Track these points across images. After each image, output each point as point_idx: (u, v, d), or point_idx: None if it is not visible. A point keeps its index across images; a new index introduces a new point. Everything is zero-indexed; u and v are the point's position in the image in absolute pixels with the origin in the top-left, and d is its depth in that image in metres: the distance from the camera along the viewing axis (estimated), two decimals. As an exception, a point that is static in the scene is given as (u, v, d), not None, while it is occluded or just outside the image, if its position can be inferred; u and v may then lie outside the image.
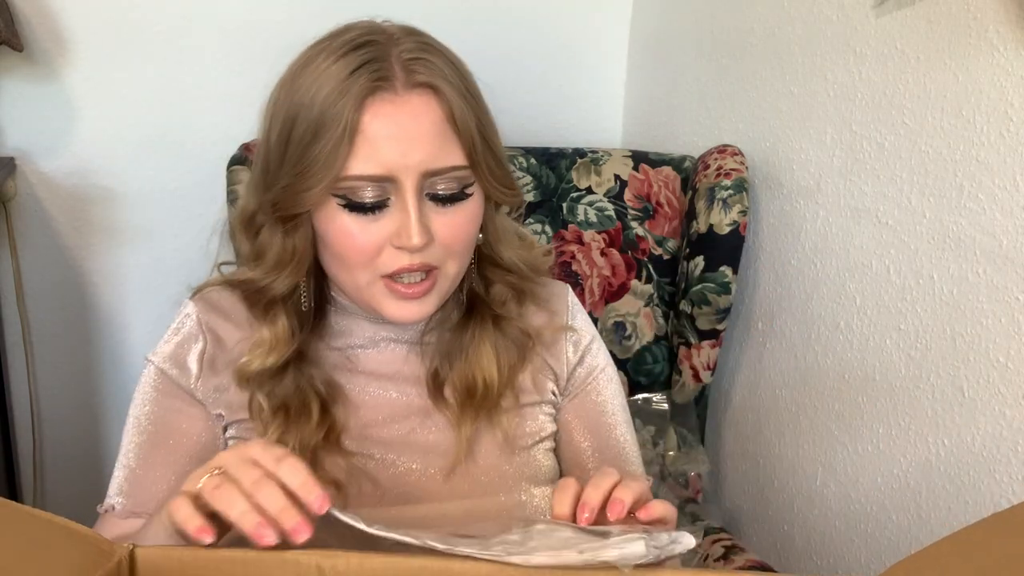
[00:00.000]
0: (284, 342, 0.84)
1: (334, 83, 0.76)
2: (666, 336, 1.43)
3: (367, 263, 0.79)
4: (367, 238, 0.78)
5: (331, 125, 0.75)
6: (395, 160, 0.76)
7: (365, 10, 1.01)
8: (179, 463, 0.84)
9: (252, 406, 0.84)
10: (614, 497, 0.68)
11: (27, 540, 0.50)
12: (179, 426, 0.86)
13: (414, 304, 0.81)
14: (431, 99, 0.78)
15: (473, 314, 0.90)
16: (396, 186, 0.77)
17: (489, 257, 0.89)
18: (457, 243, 0.81)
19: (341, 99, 0.75)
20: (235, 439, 0.86)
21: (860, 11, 1.12)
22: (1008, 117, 0.93)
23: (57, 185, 1.50)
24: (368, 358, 0.89)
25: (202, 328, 0.87)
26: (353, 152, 0.76)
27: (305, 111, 0.77)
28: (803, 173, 1.25)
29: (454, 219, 0.80)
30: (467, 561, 0.56)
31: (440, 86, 0.78)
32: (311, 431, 0.82)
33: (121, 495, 0.84)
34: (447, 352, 0.89)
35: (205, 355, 0.86)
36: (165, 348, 0.88)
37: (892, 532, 1.11)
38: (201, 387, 0.86)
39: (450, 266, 0.82)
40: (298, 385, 0.84)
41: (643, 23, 1.65)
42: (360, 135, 0.76)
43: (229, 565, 0.54)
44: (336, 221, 0.78)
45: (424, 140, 0.77)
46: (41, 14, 1.42)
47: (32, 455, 1.61)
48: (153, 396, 0.87)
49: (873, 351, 1.14)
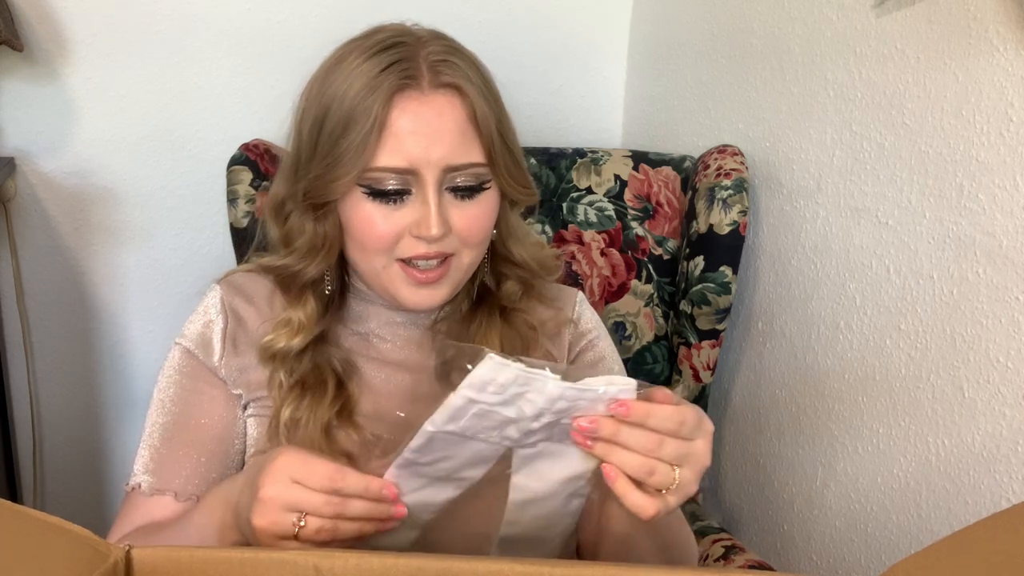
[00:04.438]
0: (311, 324, 0.89)
1: (365, 80, 0.81)
2: (666, 336, 1.42)
3: (386, 249, 0.84)
4: (388, 226, 0.83)
5: (361, 119, 0.80)
6: (418, 154, 0.81)
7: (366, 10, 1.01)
8: (202, 443, 0.88)
9: (271, 382, 0.88)
10: None
11: (23, 540, 0.50)
12: (202, 407, 0.89)
13: (427, 290, 0.86)
14: (455, 99, 0.83)
15: (482, 305, 0.94)
16: (418, 178, 0.82)
17: (502, 254, 0.94)
18: (472, 235, 0.85)
19: (371, 95, 0.80)
20: (254, 417, 0.90)
21: (860, 11, 1.12)
22: (1008, 117, 0.93)
23: (57, 185, 1.50)
24: (383, 344, 0.93)
25: (225, 308, 0.92)
26: (380, 145, 0.81)
27: (336, 105, 0.82)
28: (803, 173, 1.25)
29: (471, 212, 0.85)
30: (466, 561, 0.56)
31: (464, 87, 0.83)
32: (326, 406, 0.86)
33: (147, 473, 0.87)
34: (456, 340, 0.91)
35: (227, 333, 0.91)
36: (191, 329, 0.92)
37: (892, 532, 1.11)
38: (224, 365, 0.90)
39: (465, 256, 0.86)
40: (316, 363, 0.88)
41: (643, 23, 1.65)
42: (387, 129, 0.81)
43: (226, 566, 0.54)
44: (360, 209, 0.83)
45: (446, 137, 0.82)
46: (41, 14, 1.42)
47: (32, 455, 1.61)
48: (177, 379, 0.90)
49: (873, 351, 1.13)
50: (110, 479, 1.68)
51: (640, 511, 0.66)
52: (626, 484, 0.66)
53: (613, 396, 0.65)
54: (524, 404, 0.64)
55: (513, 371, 0.62)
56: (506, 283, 0.94)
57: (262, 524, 0.65)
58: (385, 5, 1.08)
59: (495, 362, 0.62)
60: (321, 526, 0.65)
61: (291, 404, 0.86)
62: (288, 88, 0.89)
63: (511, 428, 0.66)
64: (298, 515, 0.65)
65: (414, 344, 0.94)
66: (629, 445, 0.65)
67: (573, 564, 0.69)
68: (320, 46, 0.89)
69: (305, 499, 0.65)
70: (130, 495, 0.87)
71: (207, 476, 0.87)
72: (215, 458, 0.88)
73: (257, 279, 0.94)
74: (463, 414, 0.64)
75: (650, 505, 0.66)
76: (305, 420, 0.85)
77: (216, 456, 0.88)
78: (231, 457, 0.90)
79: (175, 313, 1.58)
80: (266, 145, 1.29)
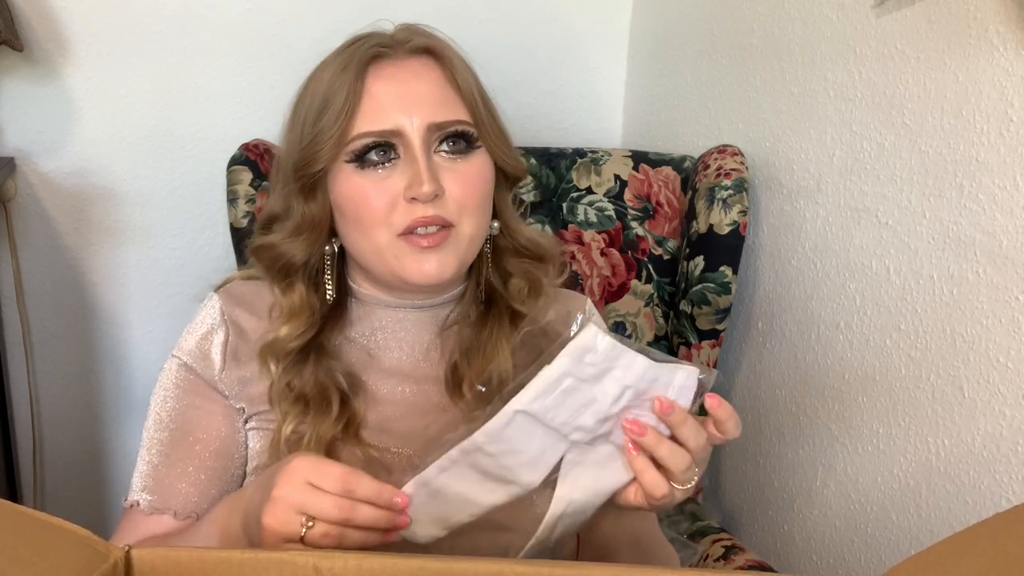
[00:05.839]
0: (301, 313, 0.87)
1: (339, 61, 0.83)
2: (666, 336, 1.42)
3: (382, 220, 0.82)
4: (380, 195, 0.82)
5: (338, 92, 0.81)
6: (399, 114, 0.81)
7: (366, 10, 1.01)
8: (201, 460, 0.86)
9: (272, 393, 0.86)
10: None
11: (22, 541, 0.50)
12: (200, 423, 0.87)
13: (432, 258, 0.82)
14: (431, 61, 0.84)
15: (491, 310, 0.92)
16: (404, 140, 0.81)
17: (506, 245, 0.92)
18: (468, 198, 0.83)
19: (344, 70, 0.82)
20: (255, 431, 0.88)
21: (860, 11, 1.12)
22: (1008, 117, 0.93)
23: (57, 185, 1.50)
24: (389, 354, 0.91)
25: (225, 319, 0.90)
26: (360, 112, 0.81)
27: (314, 88, 0.84)
28: (803, 173, 1.25)
29: (464, 173, 0.83)
30: (466, 561, 0.56)
31: (440, 50, 0.84)
32: (330, 424, 0.84)
33: (146, 491, 0.86)
34: (467, 349, 0.91)
35: (228, 346, 0.88)
36: (188, 342, 0.90)
37: (892, 532, 1.11)
38: (225, 378, 0.88)
39: (465, 225, 0.84)
40: (317, 378, 0.86)
41: (643, 23, 1.65)
42: (365, 95, 0.81)
43: (225, 566, 0.54)
44: (350, 183, 0.83)
45: (427, 95, 0.82)
46: (41, 14, 1.42)
47: (32, 455, 1.61)
48: (175, 393, 0.88)
49: (873, 351, 1.13)
50: (110, 479, 1.68)
51: (654, 488, 0.69)
52: (646, 462, 0.69)
53: (684, 379, 0.68)
54: (609, 382, 0.66)
55: (610, 341, 0.64)
56: (511, 280, 0.92)
57: (271, 523, 0.65)
58: (385, 5, 1.08)
59: (597, 330, 0.64)
60: (327, 531, 0.64)
61: (293, 420, 0.84)
62: (288, 88, 0.89)
63: (587, 414, 0.67)
64: (307, 517, 0.64)
65: (421, 352, 0.91)
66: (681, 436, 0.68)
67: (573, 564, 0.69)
68: (320, 46, 0.89)
69: (316, 501, 0.65)
70: (129, 512, 0.86)
71: (207, 493, 0.86)
72: (214, 474, 0.87)
73: (258, 287, 0.91)
74: (554, 388, 0.65)
75: (664, 485, 0.69)
76: (308, 437, 0.84)
77: (215, 472, 0.87)
78: (231, 472, 0.88)
79: (175, 313, 1.58)
80: (266, 145, 1.29)
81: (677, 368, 0.67)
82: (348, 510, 0.65)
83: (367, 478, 0.66)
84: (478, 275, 0.91)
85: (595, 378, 0.65)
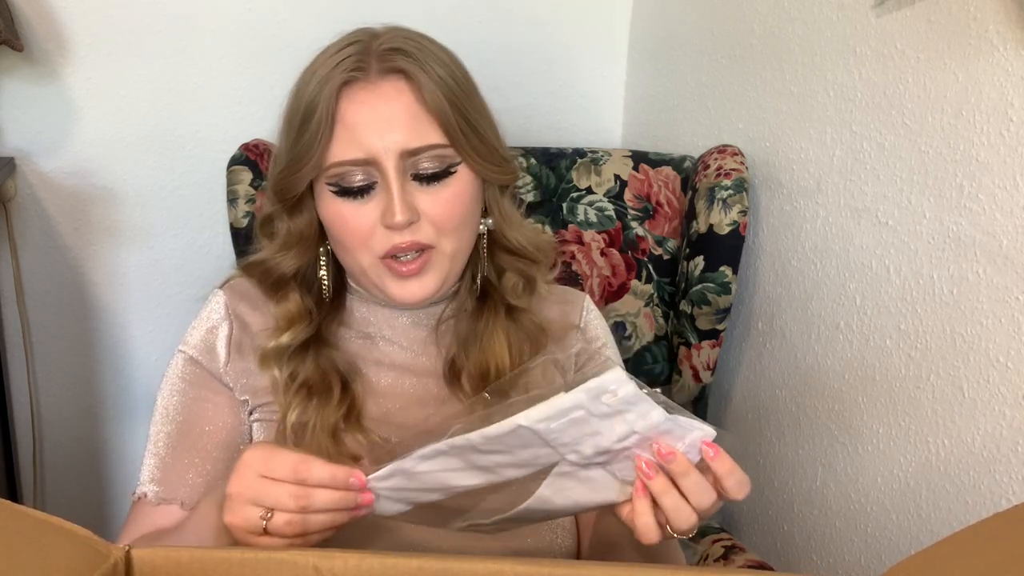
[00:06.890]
0: (298, 320, 0.89)
1: (319, 76, 0.84)
2: (666, 336, 1.42)
3: (363, 244, 0.84)
4: (358, 221, 0.83)
5: (314, 114, 0.82)
6: (373, 143, 0.81)
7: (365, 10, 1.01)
8: (207, 451, 0.88)
9: (275, 386, 0.88)
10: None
11: (23, 540, 0.50)
12: (206, 415, 0.89)
13: (414, 282, 0.85)
14: (402, 83, 0.83)
15: (487, 303, 0.93)
16: (379, 168, 0.82)
17: (499, 243, 0.93)
18: (446, 221, 0.84)
19: (321, 91, 0.82)
20: (259, 422, 0.89)
21: (860, 11, 1.12)
22: (1008, 117, 0.93)
23: (57, 185, 1.49)
24: (389, 347, 0.92)
25: (229, 314, 0.92)
26: (335, 139, 0.82)
27: (296, 101, 0.85)
28: (803, 173, 1.25)
29: (440, 197, 0.84)
30: (466, 561, 0.56)
31: (410, 71, 0.83)
32: (332, 409, 0.86)
33: (153, 483, 0.87)
34: (464, 340, 0.92)
35: (232, 339, 0.90)
36: (194, 336, 0.91)
37: (892, 532, 1.11)
38: (230, 371, 0.90)
39: (445, 245, 0.85)
40: (318, 365, 0.88)
41: (643, 23, 1.65)
42: (340, 123, 0.82)
43: (226, 565, 0.54)
44: (331, 207, 0.84)
45: (398, 122, 0.82)
46: (41, 14, 1.42)
47: (32, 455, 1.61)
48: (181, 387, 0.90)
49: (873, 351, 1.13)
50: (110, 479, 1.68)
51: (645, 534, 0.67)
52: (647, 506, 0.67)
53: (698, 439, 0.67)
54: (618, 423, 0.65)
55: (633, 389, 0.63)
56: (506, 275, 0.93)
57: (232, 520, 0.65)
58: (385, 5, 1.08)
59: (622, 374, 0.63)
60: (290, 519, 0.64)
61: (297, 407, 0.86)
62: (288, 88, 0.90)
63: (588, 443, 0.66)
64: (265, 509, 0.64)
65: (419, 346, 0.93)
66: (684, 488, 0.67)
67: (573, 564, 0.69)
68: (320, 46, 0.89)
69: (270, 493, 0.64)
70: (137, 504, 0.87)
71: (213, 484, 0.86)
72: (220, 465, 0.88)
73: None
74: (563, 415, 0.64)
75: (655, 535, 0.68)
76: (312, 423, 0.85)
77: (222, 463, 0.88)
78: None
79: (175, 313, 1.58)
80: (266, 145, 1.29)
81: (693, 427, 0.67)
82: (303, 497, 0.64)
83: (318, 462, 0.65)
84: (474, 268, 0.92)
85: (606, 416, 0.65)
